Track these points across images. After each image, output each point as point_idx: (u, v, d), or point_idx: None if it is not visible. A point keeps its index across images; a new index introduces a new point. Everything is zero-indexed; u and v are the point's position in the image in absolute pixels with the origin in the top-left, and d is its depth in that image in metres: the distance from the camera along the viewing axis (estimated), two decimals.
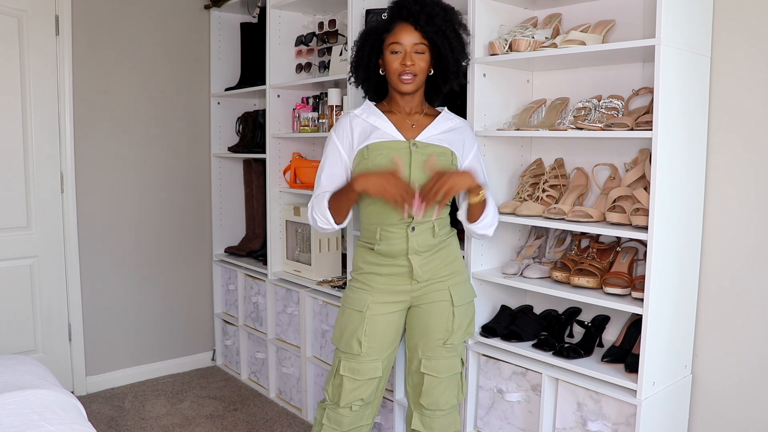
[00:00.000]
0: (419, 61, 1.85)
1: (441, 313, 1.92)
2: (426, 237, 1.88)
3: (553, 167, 2.23)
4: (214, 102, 3.56)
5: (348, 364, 1.90)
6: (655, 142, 1.70)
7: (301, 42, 3.05)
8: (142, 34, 3.28)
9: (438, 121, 1.94)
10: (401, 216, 1.81)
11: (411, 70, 1.84)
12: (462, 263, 2.01)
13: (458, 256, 1.99)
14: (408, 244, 1.86)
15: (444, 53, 1.86)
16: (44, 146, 3.03)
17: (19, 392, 1.71)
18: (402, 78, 1.85)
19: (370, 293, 1.91)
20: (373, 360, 1.90)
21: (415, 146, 1.86)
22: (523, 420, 2.09)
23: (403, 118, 1.93)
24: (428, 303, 1.93)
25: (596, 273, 2.00)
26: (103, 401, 3.13)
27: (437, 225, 1.90)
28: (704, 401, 1.99)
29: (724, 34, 1.89)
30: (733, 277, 1.92)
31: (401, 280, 1.90)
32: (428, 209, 1.81)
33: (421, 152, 1.85)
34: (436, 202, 1.78)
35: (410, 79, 1.85)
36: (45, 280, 3.07)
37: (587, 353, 2.01)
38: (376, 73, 1.94)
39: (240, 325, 3.40)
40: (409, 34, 1.83)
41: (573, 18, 2.23)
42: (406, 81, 1.85)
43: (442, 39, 1.85)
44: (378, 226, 1.88)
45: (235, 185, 3.68)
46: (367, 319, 1.88)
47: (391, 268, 1.90)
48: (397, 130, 1.89)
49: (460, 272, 1.98)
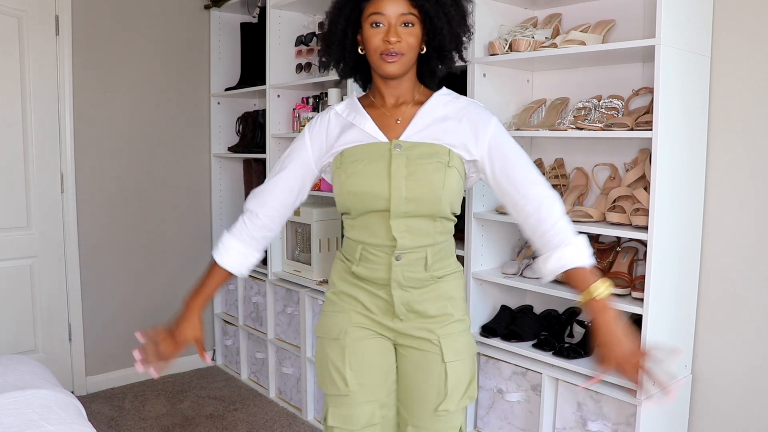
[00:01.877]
0: (407, 36, 1.41)
1: (430, 368, 1.49)
2: (414, 269, 1.46)
3: (553, 167, 2.23)
4: (214, 102, 3.56)
5: (337, 410, 1.49)
6: (655, 142, 1.70)
7: (301, 42, 3.05)
8: (142, 34, 3.28)
9: (427, 108, 1.47)
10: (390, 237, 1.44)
11: (396, 48, 1.41)
12: (462, 307, 1.55)
13: (457, 297, 1.53)
14: (390, 274, 1.46)
15: (439, 25, 1.43)
16: (44, 146, 3.03)
17: (19, 392, 1.71)
18: (385, 57, 1.42)
19: (348, 315, 1.52)
20: (367, 402, 1.48)
21: (398, 148, 1.43)
22: (523, 420, 2.09)
23: (387, 111, 1.50)
24: (416, 350, 1.51)
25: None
26: (103, 401, 3.13)
27: (431, 254, 1.47)
28: (704, 401, 1.99)
29: (724, 34, 1.89)
30: (733, 277, 1.92)
31: (382, 312, 1.51)
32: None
33: (406, 155, 1.42)
34: None
35: (395, 58, 1.41)
36: (45, 280, 3.07)
37: (587, 353, 2.01)
38: (354, 53, 1.50)
39: (240, 325, 3.40)
40: (393, 3, 1.41)
41: (573, 18, 2.23)
42: (390, 61, 1.41)
43: (436, 7, 1.43)
44: (360, 244, 1.48)
45: (235, 185, 3.67)
46: (347, 347, 1.49)
47: (370, 296, 1.50)
48: (378, 127, 1.47)
49: (457, 319, 1.52)
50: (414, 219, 1.43)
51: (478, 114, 1.47)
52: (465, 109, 1.48)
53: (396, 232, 1.42)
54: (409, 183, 1.40)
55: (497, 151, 1.45)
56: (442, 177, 1.41)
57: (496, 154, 1.45)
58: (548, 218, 1.40)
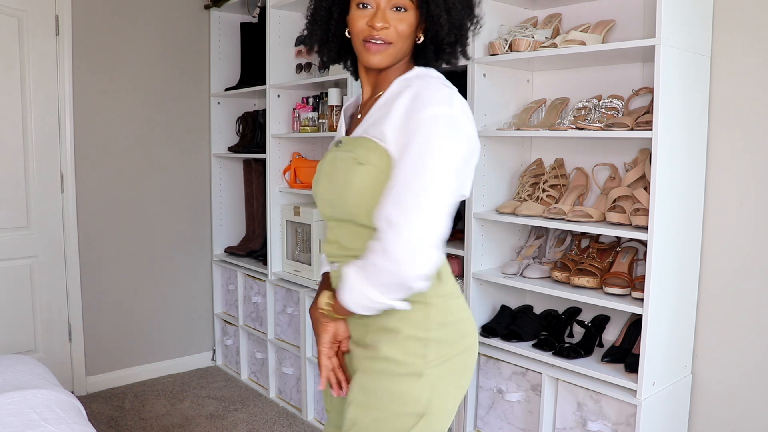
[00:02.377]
0: (397, 22, 1.21)
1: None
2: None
3: (553, 167, 2.23)
4: (214, 102, 3.56)
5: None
6: (655, 142, 1.70)
7: (301, 42, 3.05)
8: (142, 34, 3.28)
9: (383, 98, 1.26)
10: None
11: (382, 36, 1.21)
12: (405, 348, 1.21)
13: (401, 333, 1.22)
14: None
15: (436, 12, 1.23)
16: (44, 146, 3.03)
17: (19, 392, 1.71)
18: (368, 45, 1.22)
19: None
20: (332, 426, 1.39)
21: (339, 145, 1.30)
22: (523, 420, 2.09)
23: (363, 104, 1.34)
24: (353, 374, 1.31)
25: (596, 273, 2.00)
26: (103, 401, 3.12)
27: None
28: (704, 401, 1.99)
29: (724, 34, 1.89)
30: (733, 277, 1.92)
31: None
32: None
33: (335, 153, 1.29)
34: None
35: (380, 48, 1.22)
36: (45, 280, 3.07)
37: (587, 353, 2.01)
38: (339, 35, 1.31)
39: (240, 325, 3.40)
40: None
41: (573, 18, 2.23)
42: (373, 50, 1.22)
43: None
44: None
45: (235, 185, 3.67)
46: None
47: None
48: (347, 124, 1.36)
49: (385, 357, 1.21)
50: (343, 225, 1.26)
51: (419, 99, 1.16)
52: (408, 92, 1.19)
53: (327, 239, 1.31)
54: (328, 184, 1.27)
55: (404, 145, 1.14)
56: (350, 176, 1.20)
57: (402, 148, 1.15)
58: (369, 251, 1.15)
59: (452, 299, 1.28)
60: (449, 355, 1.25)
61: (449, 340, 1.26)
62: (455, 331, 1.27)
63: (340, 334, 1.32)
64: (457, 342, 1.27)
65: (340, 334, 1.32)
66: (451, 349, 1.26)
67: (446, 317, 1.25)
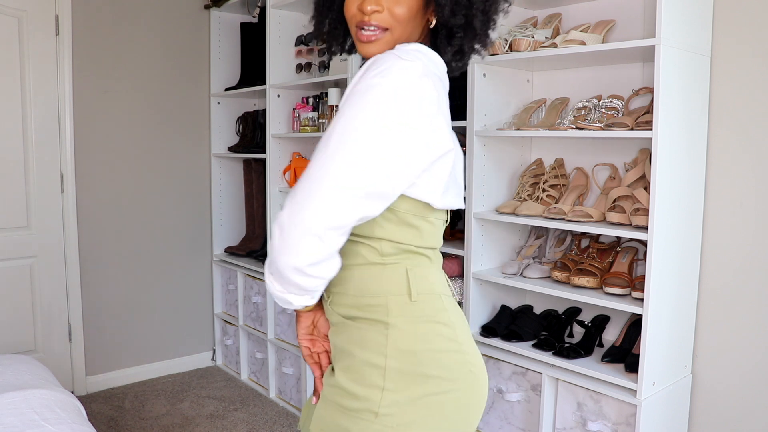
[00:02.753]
0: (393, 4, 1.06)
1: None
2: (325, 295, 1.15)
3: (553, 167, 2.23)
4: (214, 102, 3.56)
5: None
6: (655, 142, 1.70)
7: (301, 42, 3.05)
8: (142, 34, 3.28)
9: None
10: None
11: (375, 21, 1.06)
12: (361, 376, 1.04)
13: (358, 357, 1.06)
14: None
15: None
16: (44, 146, 3.03)
17: (19, 392, 1.71)
18: (359, 33, 1.08)
19: None
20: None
21: None
22: (523, 420, 2.09)
23: None
24: None
25: (596, 273, 2.00)
26: (103, 401, 3.12)
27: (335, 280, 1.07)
28: (704, 401, 1.99)
29: (724, 34, 1.89)
30: (733, 277, 1.92)
31: None
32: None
33: None
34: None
35: (373, 35, 1.07)
36: (45, 280, 3.07)
37: (587, 353, 2.01)
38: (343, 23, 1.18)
39: (240, 325, 3.40)
40: None
41: (573, 18, 2.23)
42: (364, 39, 1.08)
43: None
44: None
45: (235, 185, 3.67)
46: None
47: None
48: None
49: (341, 388, 1.06)
50: None
51: (367, 70, 1.01)
52: (363, 68, 1.04)
53: None
54: None
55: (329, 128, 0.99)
56: None
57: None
58: None
59: (427, 324, 1.06)
60: (419, 392, 1.03)
61: (420, 373, 1.03)
62: (430, 364, 1.04)
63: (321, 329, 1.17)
64: (435, 378, 1.04)
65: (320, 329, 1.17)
66: (424, 386, 1.03)
67: (412, 344, 1.04)
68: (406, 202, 1.04)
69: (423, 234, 1.08)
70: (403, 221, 1.05)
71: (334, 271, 1.00)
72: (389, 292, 1.06)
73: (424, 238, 1.09)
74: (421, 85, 0.99)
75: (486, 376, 1.13)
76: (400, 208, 1.04)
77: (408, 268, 1.07)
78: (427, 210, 1.07)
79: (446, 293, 1.12)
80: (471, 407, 1.09)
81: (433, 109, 1.00)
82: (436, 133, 1.01)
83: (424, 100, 0.99)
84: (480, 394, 1.10)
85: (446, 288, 1.13)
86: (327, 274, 0.99)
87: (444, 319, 1.08)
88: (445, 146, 1.04)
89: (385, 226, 1.05)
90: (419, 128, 0.98)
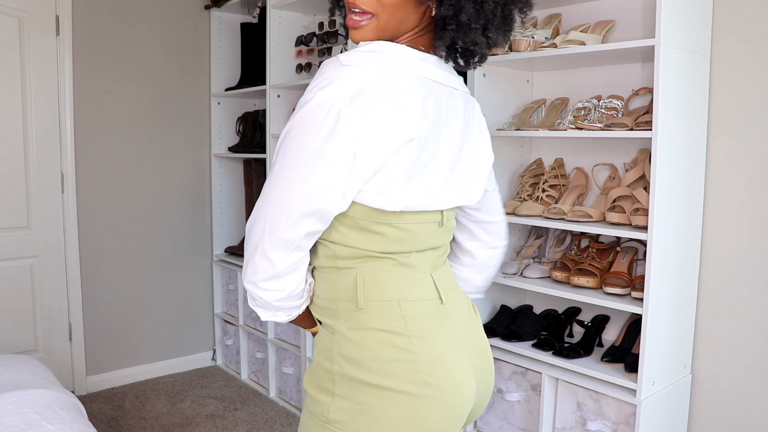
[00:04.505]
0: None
1: None
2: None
3: (553, 167, 2.24)
4: (215, 102, 3.56)
5: None
6: (654, 142, 1.70)
7: (301, 42, 3.05)
8: (143, 35, 3.29)
9: None
10: None
11: (361, 5, 1.01)
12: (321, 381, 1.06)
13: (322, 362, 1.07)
14: None
15: None
16: (45, 146, 3.03)
17: (19, 392, 1.71)
18: (349, 18, 1.04)
19: None
20: None
21: None
22: (522, 420, 2.09)
23: None
24: None
25: (596, 273, 2.01)
26: (103, 401, 3.13)
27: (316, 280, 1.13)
28: (704, 401, 1.99)
29: (724, 35, 1.89)
30: (733, 277, 1.92)
31: None
32: None
33: None
34: None
35: (360, 20, 1.02)
36: (45, 279, 3.07)
37: (587, 353, 2.02)
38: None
39: (240, 325, 3.41)
40: None
41: (573, 18, 2.23)
42: (351, 24, 1.04)
43: None
44: None
45: (235, 185, 3.68)
46: None
47: None
48: None
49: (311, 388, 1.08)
50: None
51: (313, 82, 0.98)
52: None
53: None
54: None
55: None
56: None
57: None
58: None
59: (373, 332, 1.03)
60: (366, 401, 1.01)
61: (365, 381, 1.01)
62: (377, 372, 1.01)
63: None
64: (382, 388, 1.01)
65: None
66: (370, 395, 1.01)
67: (355, 352, 1.02)
68: (357, 209, 1.03)
69: (388, 239, 1.04)
70: (360, 227, 1.04)
71: (293, 285, 1.05)
72: (339, 298, 1.06)
73: (391, 243, 1.05)
74: (350, 95, 0.94)
75: (459, 388, 1.05)
76: (354, 213, 1.03)
77: (360, 273, 1.05)
78: (390, 215, 1.03)
79: (412, 299, 1.06)
80: (428, 420, 1.02)
81: (372, 112, 0.95)
82: (370, 140, 0.96)
83: (358, 105, 0.94)
84: (442, 407, 1.03)
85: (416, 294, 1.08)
86: (285, 287, 1.05)
87: (396, 328, 1.03)
88: (389, 148, 0.97)
89: (341, 230, 1.05)
90: (346, 140, 0.95)
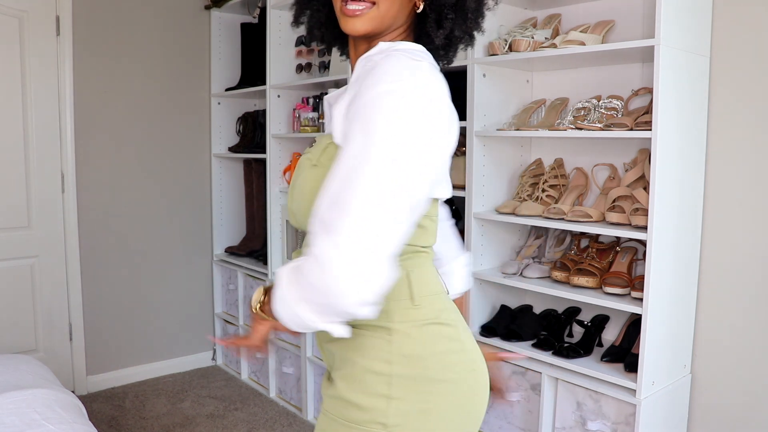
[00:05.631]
0: None
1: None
2: None
3: (553, 167, 2.24)
4: (215, 102, 3.56)
5: None
6: (654, 142, 1.71)
7: (301, 42, 3.05)
8: (143, 35, 3.29)
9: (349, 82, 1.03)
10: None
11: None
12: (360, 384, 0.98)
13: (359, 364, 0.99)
14: None
15: None
16: (45, 146, 3.03)
17: (20, 392, 1.71)
18: (345, 9, 1.00)
19: None
20: None
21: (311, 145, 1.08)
22: (522, 419, 2.09)
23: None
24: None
25: (596, 273, 2.01)
26: (103, 401, 3.13)
27: None
28: (703, 400, 1.99)
29: (724, 35, 1.89)
30: (732, 277, 1.93)
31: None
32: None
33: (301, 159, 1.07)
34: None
35: (360, 9, 0.99)
36: (45, 279, 3.07)
37: (587, 353, 2.02)
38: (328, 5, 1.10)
39: (240, 325, 3.41)
40: None
41: (573, 18, 2.23)
42: (349, 13, 0.99)
43: None
44: None
45: (235, 185, 3.68)
46: None
47: None
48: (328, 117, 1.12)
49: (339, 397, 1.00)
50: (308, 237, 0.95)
51: (369, 77, 0.91)
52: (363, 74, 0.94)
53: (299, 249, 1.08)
54: (290, 192, 1.07)
55: (345, 134, 0.91)
56: (304, 182, 1.01)
57: (343, 138, 0.91)
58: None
59: (430, 326, 1.01)
60: (427, 399, 0.98)
61: (427, 378, 0.98)
62: (435, 367, 0.99)
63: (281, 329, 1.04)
64: (441, 382, 0.99)
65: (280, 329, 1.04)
66: (431, 392, 0.98)
67: (419, 348, 0.99)
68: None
69: (428, 232, 1.04)
70: (416, 221, 0.96)
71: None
72: (390, 297, 0.95)
73: (429, 236, 1.05)
74: (430, 80, 0.92)
75: (486, 373, 1.09)
76: None
77: (409, 270, 1.00)
78: (433, 207, 1.04)
79: (444, 290, 1.09)
80: (475, 406, 1.04)
81: (446, 107, 0.95)
82: (450, 132, 0.96)
83: (438, 101, 0.92)
84: (483, 393, 1.07)
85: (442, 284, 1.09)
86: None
87: (446, 319, 1.03)
88: (455, 138, 0.99)
89: None
90: (443, 126, 0.93)
